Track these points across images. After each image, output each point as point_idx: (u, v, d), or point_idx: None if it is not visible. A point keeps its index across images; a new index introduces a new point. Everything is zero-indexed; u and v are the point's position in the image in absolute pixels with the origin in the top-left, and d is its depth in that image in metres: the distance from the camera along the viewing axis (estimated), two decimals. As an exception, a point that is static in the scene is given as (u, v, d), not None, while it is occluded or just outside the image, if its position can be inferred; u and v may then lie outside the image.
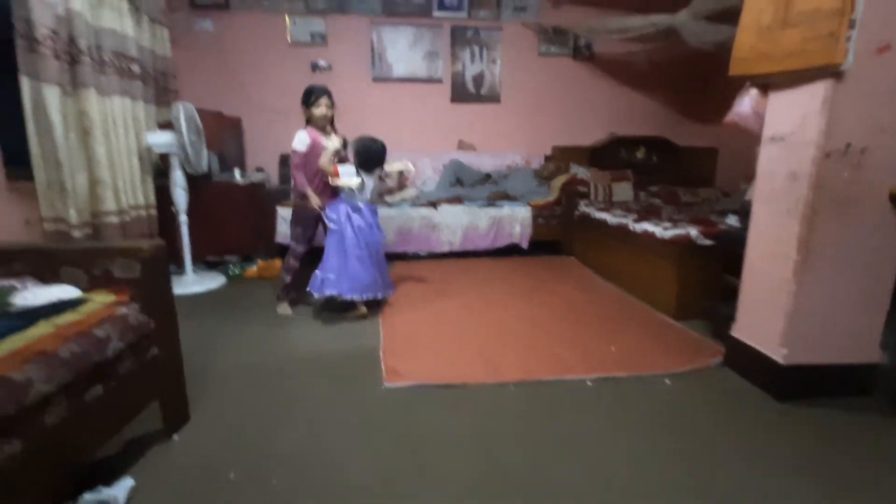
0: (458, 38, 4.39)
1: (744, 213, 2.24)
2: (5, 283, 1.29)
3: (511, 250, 3.95)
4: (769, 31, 1.65)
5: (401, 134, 4.42)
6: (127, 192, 2.89)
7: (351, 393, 1.80)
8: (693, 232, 2.50)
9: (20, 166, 2.32)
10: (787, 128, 1.71)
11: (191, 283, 3.09)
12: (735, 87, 1.89)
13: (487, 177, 4.36)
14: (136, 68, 3.03)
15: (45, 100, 2.31)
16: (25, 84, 2.27)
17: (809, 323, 1.72)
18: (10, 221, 2.19)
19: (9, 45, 2.22)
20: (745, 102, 1.88)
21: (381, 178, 2.63)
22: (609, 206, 3.81)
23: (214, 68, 4.12)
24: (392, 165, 2.63)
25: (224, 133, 3.81)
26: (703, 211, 3.54)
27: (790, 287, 1.70)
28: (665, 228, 2.70)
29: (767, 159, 1.81)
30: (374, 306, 2.65)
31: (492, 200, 4.00)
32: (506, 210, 3.92)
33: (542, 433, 1.56)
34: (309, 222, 2.62)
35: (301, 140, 2.55)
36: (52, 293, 1.31)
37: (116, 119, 2.84)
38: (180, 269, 3.18)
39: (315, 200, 2.50)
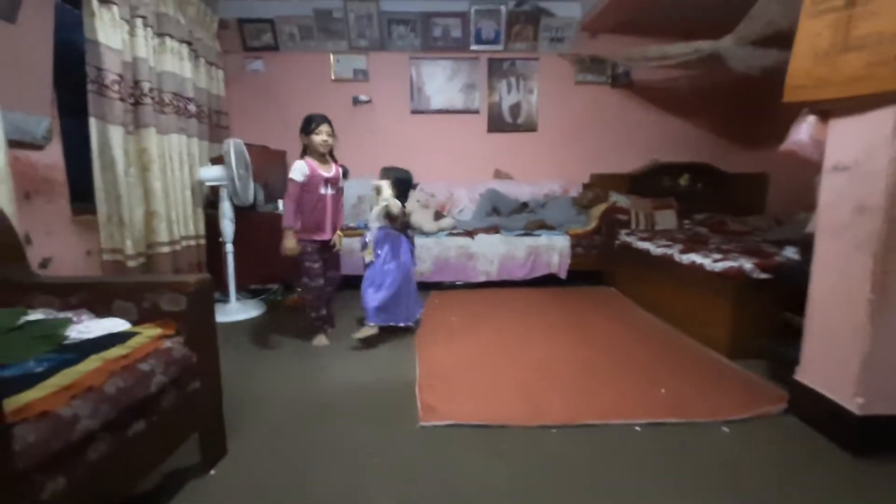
0: (495, 69, 4.45)
1: (804, 245, 2.10)
2: (62, 315, 1.35)
3: (549, 280, 3.86)
4: (827, 56, 1.56)
5: (438, 164, 4.48)
6: (179, 224, 3.03)
7: (386, 430, 1.76)
8: (747, 265, 2.35)
9: (85, 202, 2.48)
10: (852, 156, 1.59)
11: (234, 310, 3.18)
12: (787, 109, 1.79)
13: (524, 206, 4.32)
14: (192, 107, 3.23)
15: (109, 139, 2.48)
16: (94, 125, 2.45)
17: (889, 369, 1.55)
18: (75, 253, 2.33)
19: (76, 89, 2.42)
20: (803, 130, 1.77)
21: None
22: (652, 235, 3.68)
23: (263, 105, 4.34)
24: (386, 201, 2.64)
25: (269, 166, 3.97)
26: (754, 241, 3.35)
27: (865, 329, 1.54)
28: (715, 260, 2.56)
29: (830, 190, 1.69)
30: (409, 333, 2.65)
31: (529, 229, 3.95)
32: (543, 239, 3.85)
33: (586, 484, 1.45)
34: (313, 256, 2.51)
35: (299, 170, 2.42)
36: (104, 326, 1.36)
37: (173, 155, 3.01)
38: (225, 296, 3.28)
39: (290, 244, 2.40)
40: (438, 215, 4.04)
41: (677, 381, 2.11)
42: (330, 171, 2.54)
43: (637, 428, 1.76)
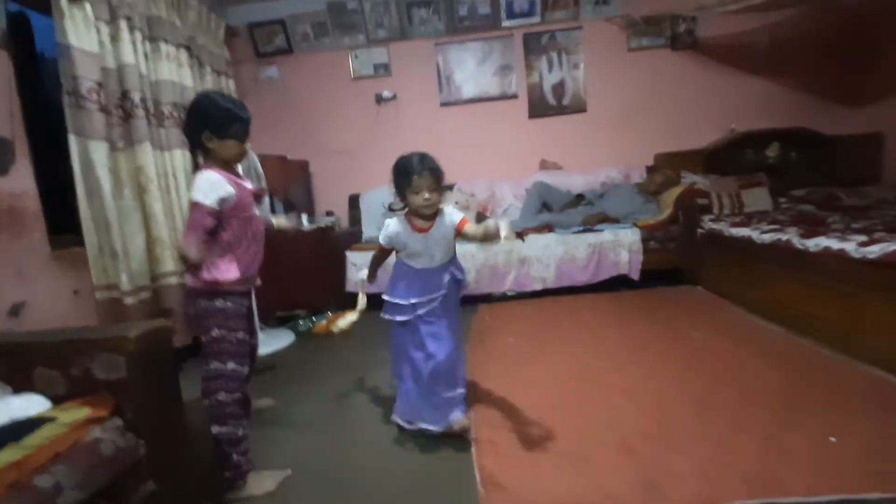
0: (532, 46, 3.88)
1: None
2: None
3: (618, 283, 3.23)
4: None
5: (475, 160, 3.96)
6: (188, 250, 2.67)
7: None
8: (924, 247, 1.67)
9: (70, 233, 2.14)
10: None
11: (261, 342, 2.77)
12: None
13: (580, 198, 3.71)
14: (195, 119, 2.88)
15: (92, 157, 2.13)
16: (74, 143, 2.10)
17: None
18: (57, 294, 1.98)
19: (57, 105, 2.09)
20: None
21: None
22: (746, 219, 2.98)
23: (281, 113, 3.99)
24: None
25: (290, 178, 3.59)
26: (891, 216, 2.60)
27: None
28: (861, 244, 1.89)
29: None
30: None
31: (589, 225, 3.34)
32: (607, 235, 3.23)
33: None
34: (239, 322, 1.43)
35: (213, 184, 1.34)
36: (13, 408, 0.93)
37: (177, 173, 2.66)
38: (247, 328, 2.89)
39: (193, 253, 1.33)
40: (481, 217, 3.50)
41: (846, 421, 1.46)
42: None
43: (816, 508, 1.15)
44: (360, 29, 3.85)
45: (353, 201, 4.01)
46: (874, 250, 1.81)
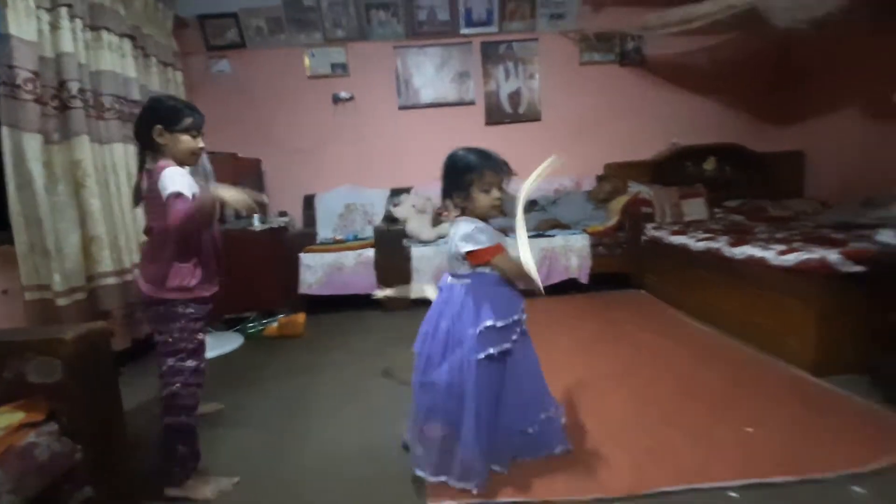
0: (490, 54, 3.98)
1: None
2: None
3: (568, 286, 3.36)
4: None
5: (432, 164, 3.94)
6: (130, 249, 2.54)
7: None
8: (832, 256, 1.86)
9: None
10: None
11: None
12: (829, 77, 1.30)
13: (533, 204, 3.83)
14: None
15: (24, 150, 2.00)
16: (6, 135, 1.98)
17: None
18: (-20, 294, 1.84)
19: None
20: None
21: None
22: (684, 227, 3.18)
23: (232, 109, 3.86)
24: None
25: (241, 176, 3.48)
26: (809, 227, 2.86)
27: None
28: (780, 252, 2.07)
29: None
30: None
31: (541, 230, 3.46)
32: (559, 240, 3.36)
33: None
34: (199, 324, 1.40)
35: (185, 177, 1.30)
36: (-67, 417, 0.87)
37: (118, 168, 2.54)
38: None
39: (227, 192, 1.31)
40: (437, 221, 3.55)
41: (767, 416, 1.60)
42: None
43: (732, 493, 1.26)
44: (318, 27, 3.80)
45: (308, 202, 3.95)
46: (790, 259, 1.99)
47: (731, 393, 1.78)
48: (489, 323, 1.28)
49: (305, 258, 3.31)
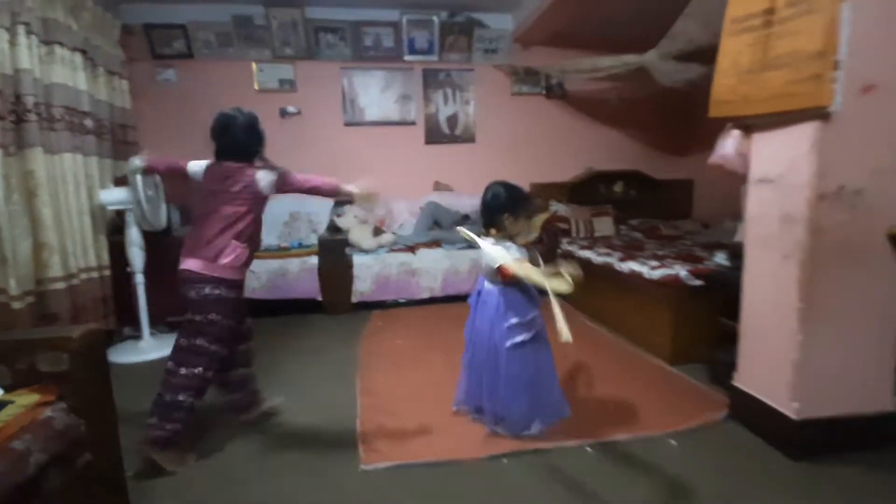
0: (431, 80, 4.37)
1: (734, 253, 2.17)
2: None
3: (494, 293, 3.80)
4: (750, 74, 1.61)
5: (375, 178, 4.30)
6: (77, 255, 2.66)
7: (324, 477, 1.59)
8: (682, 272, 2.41)
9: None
10: (776, 170, 1.65)
11: (148, 348, 2.83)
12: (711, 119, 1.83)
13: (466, 217, 4.26)
14: (88, 123, 2.86)
15: (-17, 163, 2.11)
16: (-35, 148, 2.08)
17: (820, 374, 1.61)
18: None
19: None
20: (728, 144, 1.82)
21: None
22: (592, 243, 3.74)
23: (179, 118, 3.96)
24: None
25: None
26: (686, 245, 3.49)
27: (796, 337, 1.59)
28: (652, 268, 2.61)
29: (758, 202, 1.74)
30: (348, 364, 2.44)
31: (472, 242, 3.88)
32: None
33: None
34: (234, 304, 1.68)
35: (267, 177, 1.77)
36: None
37: (67, 177, 2.64)
38: (137, 332, 2.93)
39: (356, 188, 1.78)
40: (378, 231, 3.88)
41: (625, 393, 2.10)
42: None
43: (589, 449, 1.71)
44: (267, 44, 4.00)
45: (255, 209, 4.12)
46: (657, 274, 2.53)
47: (604, 376, 2.28)
48: (514, 321, 1.74)
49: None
